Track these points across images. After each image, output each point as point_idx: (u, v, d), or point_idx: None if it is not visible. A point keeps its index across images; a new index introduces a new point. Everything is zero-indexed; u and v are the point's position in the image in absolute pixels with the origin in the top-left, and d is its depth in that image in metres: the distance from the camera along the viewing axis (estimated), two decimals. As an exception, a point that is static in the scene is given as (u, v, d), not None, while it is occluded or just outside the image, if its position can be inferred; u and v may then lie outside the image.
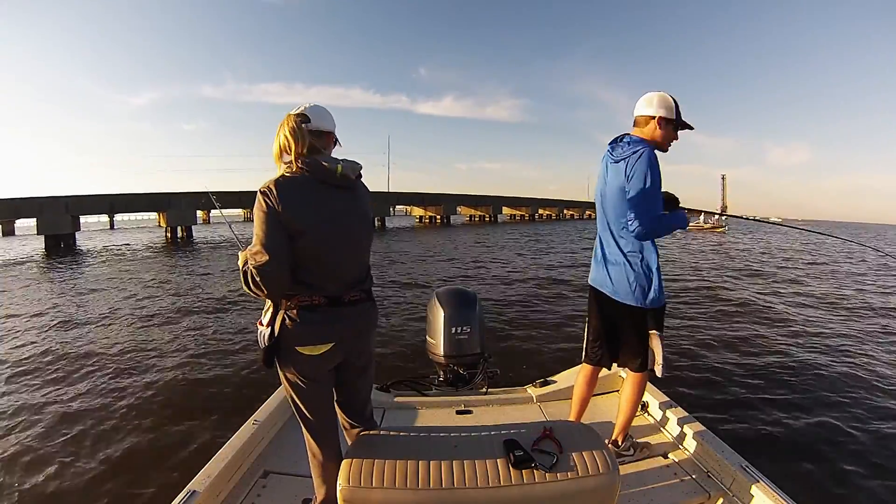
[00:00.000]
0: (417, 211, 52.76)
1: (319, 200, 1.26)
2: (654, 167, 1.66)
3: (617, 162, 1.76)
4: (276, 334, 1.25)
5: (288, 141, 1.27)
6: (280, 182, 1.23)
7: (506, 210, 61.39)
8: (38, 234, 24.44)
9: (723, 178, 50.21)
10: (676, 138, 1.81)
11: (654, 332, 1.82)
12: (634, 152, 1.69)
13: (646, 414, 2.28)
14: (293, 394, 1.35)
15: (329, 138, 1.37)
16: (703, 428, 1.95)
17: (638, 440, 1.98)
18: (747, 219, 3.38)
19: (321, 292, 1.28)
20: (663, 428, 2.14)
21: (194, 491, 1.49)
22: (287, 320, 1.25)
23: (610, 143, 1.86)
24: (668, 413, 2.12)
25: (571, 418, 2.03)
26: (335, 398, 1.48)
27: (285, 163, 1.29)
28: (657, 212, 1.68)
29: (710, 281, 9.77)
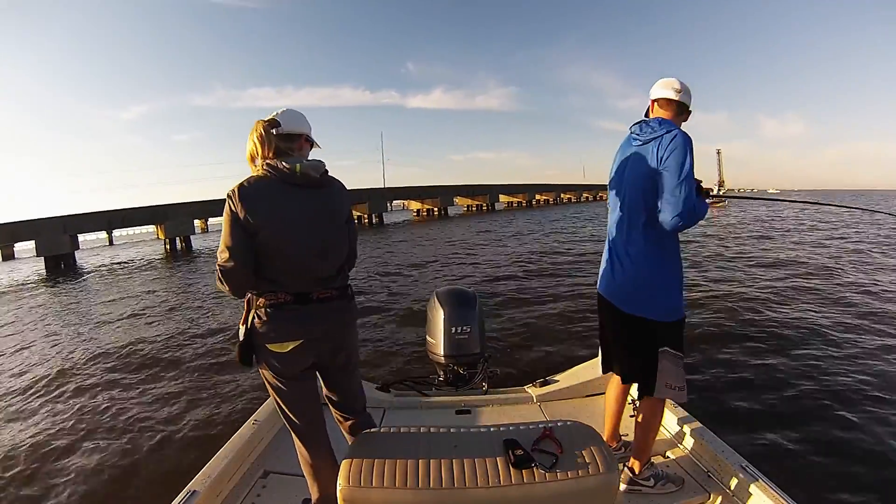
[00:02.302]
0: (415, 205, 52.59)
1: (280, 199, 1.31)
2: (691, 149, 1.49)
3: (645, 143, 1.57)
4: (248, 332, 1.32)
5: (255, 146, 1.34)
6: (242, 185, 1.30)
7: (503, 198, 61.05)
8: (37, 255, 24.36)
9: (718, 154, 49.94)
10: None
11: (665, 349, 1.60)
12: (669, 132, 1.52)
13: None
14: (275, 395, 1.40)
15: (300, 141, 1.42)
16: (703, 427, 1.94)
17: (664, 471, 1.75)
18: (754, 199, 3.19)
19: (287, 289, 1.33)
20: (663, 427, 2.12)
21: (194, 491, 1.51)
22: (256, 318, 1.31)
23: (633, 126, 1.68)
24: (668, 412, 2.10)
25: (604, 437, 1.93)
26: (326, 396, 1.53)
27: (256, 166, 1.36)
28: (694, 198, 1.47)
29: (709, 266, 9.69)
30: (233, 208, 1.28)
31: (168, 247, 28.49)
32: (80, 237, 28.05)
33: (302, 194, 1.34)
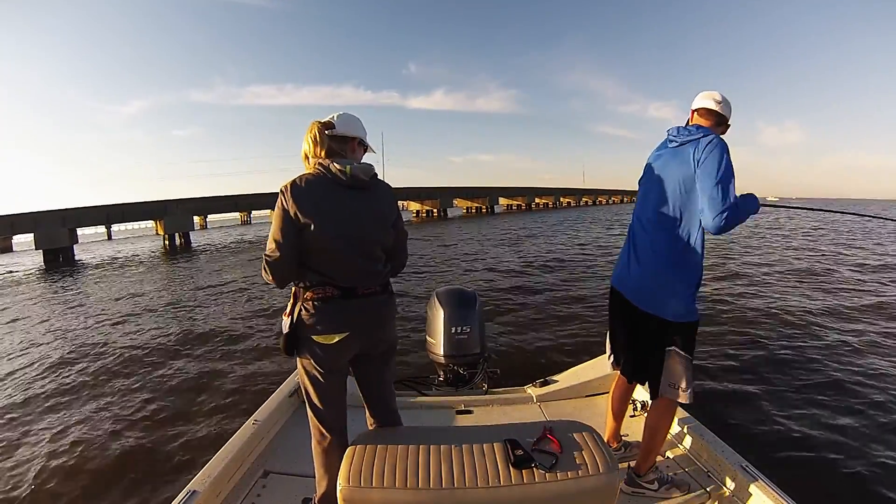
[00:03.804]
0: (414, 205, 52.58)
1: (328, 198, 1.37)
2: (728, 152, 1.51)
3: (681, 145, 1.60)
4: (294, 323, 1.37)
5: (309, 145, 1.42)
6: (294, 181, 1.36)
7: (502, 201, 61.17)
8: (35, 248, 24.26)
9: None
10: None
11: (673, 349, 1.60)
12: (706, 136, 1.55)
13: (644, 413, 2.27)
14: (307, 383, 1.43)
15: (353, 144, 1.49)
16: (703, 427, 1.95)
17: (670, 475, 1.75)
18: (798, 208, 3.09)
19: (334, 283, 1.38)
20: None
21: (194, 491, 1.51)
22: (304, 311, 1.37)
23: (670, 129, 1.70)
24: None
25: (605, 437, 1.95)
26: (364, 396, 1.56)
27: (309, 164, 1.43)
28: (735, 198, 1.47)
29: (711, 265, 9.72)
30: (284, 204, 1.34)
31: (167, 242, 28.44)
32: (79, 231, 28.00)
33: (351, 194, 1.40)
